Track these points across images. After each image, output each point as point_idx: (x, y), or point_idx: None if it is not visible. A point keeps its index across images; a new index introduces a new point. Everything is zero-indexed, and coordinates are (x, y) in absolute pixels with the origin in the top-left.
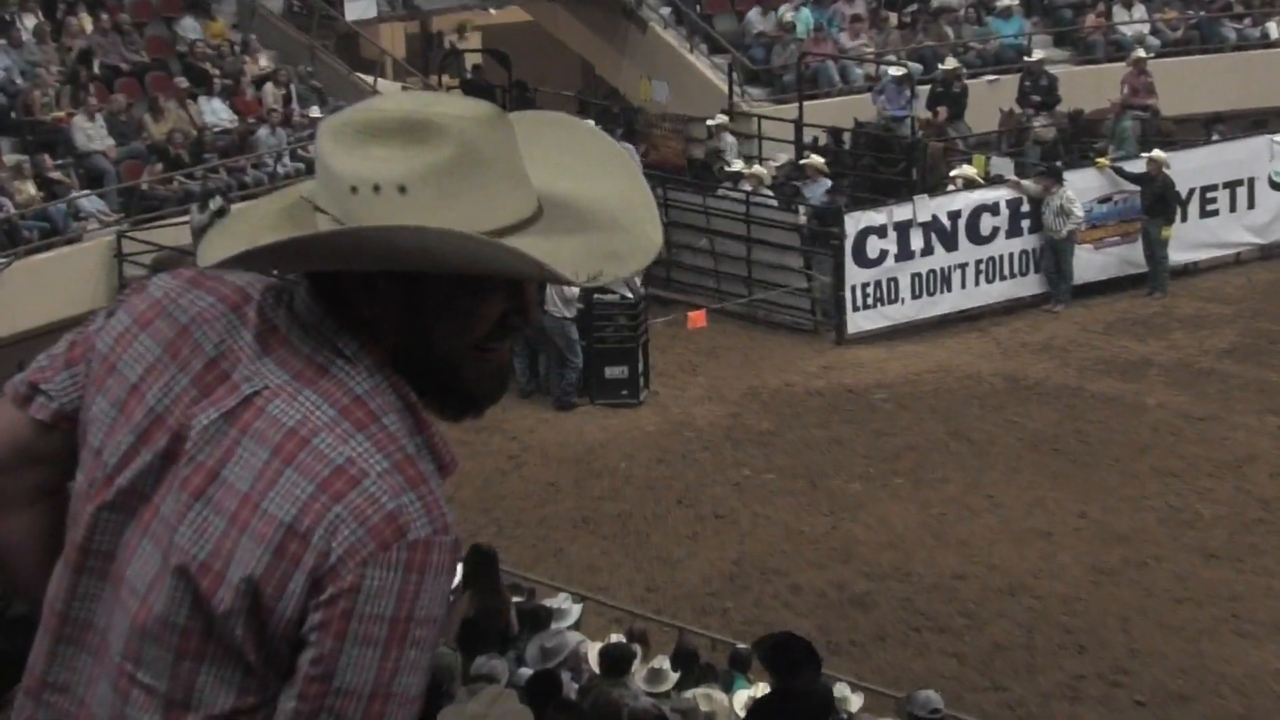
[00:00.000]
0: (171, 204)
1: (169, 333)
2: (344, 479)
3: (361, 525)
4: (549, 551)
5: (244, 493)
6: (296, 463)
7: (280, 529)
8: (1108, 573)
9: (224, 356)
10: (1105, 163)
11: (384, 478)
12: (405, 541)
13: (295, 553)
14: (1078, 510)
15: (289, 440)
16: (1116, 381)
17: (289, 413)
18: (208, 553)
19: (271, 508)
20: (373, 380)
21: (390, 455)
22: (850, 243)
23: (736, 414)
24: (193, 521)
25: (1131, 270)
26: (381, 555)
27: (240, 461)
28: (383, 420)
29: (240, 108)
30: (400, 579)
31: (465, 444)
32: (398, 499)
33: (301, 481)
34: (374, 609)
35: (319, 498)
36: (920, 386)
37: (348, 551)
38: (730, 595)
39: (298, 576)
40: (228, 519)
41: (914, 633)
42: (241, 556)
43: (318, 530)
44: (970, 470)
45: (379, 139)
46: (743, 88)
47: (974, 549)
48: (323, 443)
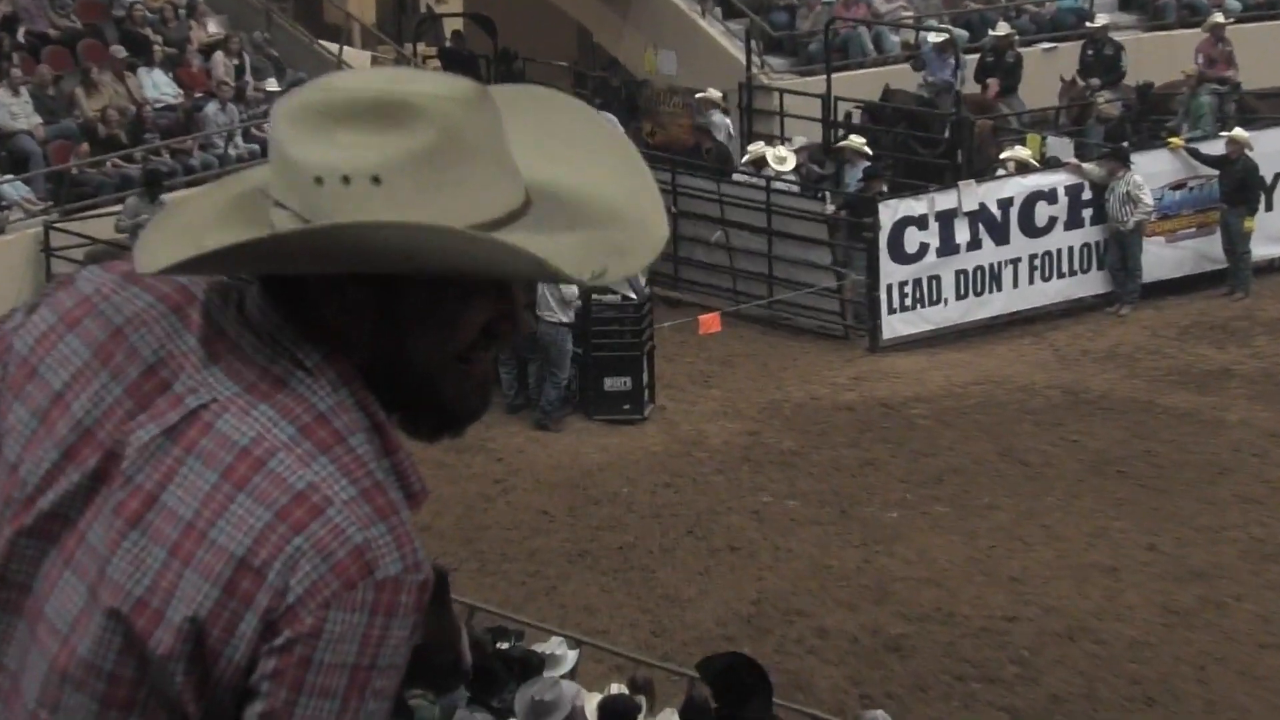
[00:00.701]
0: (107, 191)
1: (100, 334)
2: (305, 507)
3: (325, 561)
4: (540, 589)
5: (187, 520)
6: (250, 487)
7: (230, 563)
8: (1181, 614)
9: (164, 364)
10: (1179, 143)
11: (350, 506)
12: (372, 580)
13: (247, 590)
14: (1147, 542)
15: (241, 461)
16: (1192, 394)
17: (241, 430)
18: (144, 588)
19: (221, 538)
20: (336, 396)
21: (357, 481)
22: (886, 235)
23: (755, 432)
24: (128, 552)
25: (1209, 266)
26: (346, 595)
27: (184, 484)
28: (349, 441)
29: (186, 80)
30: (365, 623)
31: (444, 466)
32: (365, 531)
33: (256, 509)
34: (334, 657)
35: (276, 528)
36: (965, 400)
37: (308, 591)
38: (748, 640)
39: (249, 618)
40: (168, 550)
41: (958, 683)
42: (184, 593)
43: (274, 565)
44: (1023, 496)
45: (347, 123)
46: (762, 57)
47: (1027, 587)
48: (280, 465)
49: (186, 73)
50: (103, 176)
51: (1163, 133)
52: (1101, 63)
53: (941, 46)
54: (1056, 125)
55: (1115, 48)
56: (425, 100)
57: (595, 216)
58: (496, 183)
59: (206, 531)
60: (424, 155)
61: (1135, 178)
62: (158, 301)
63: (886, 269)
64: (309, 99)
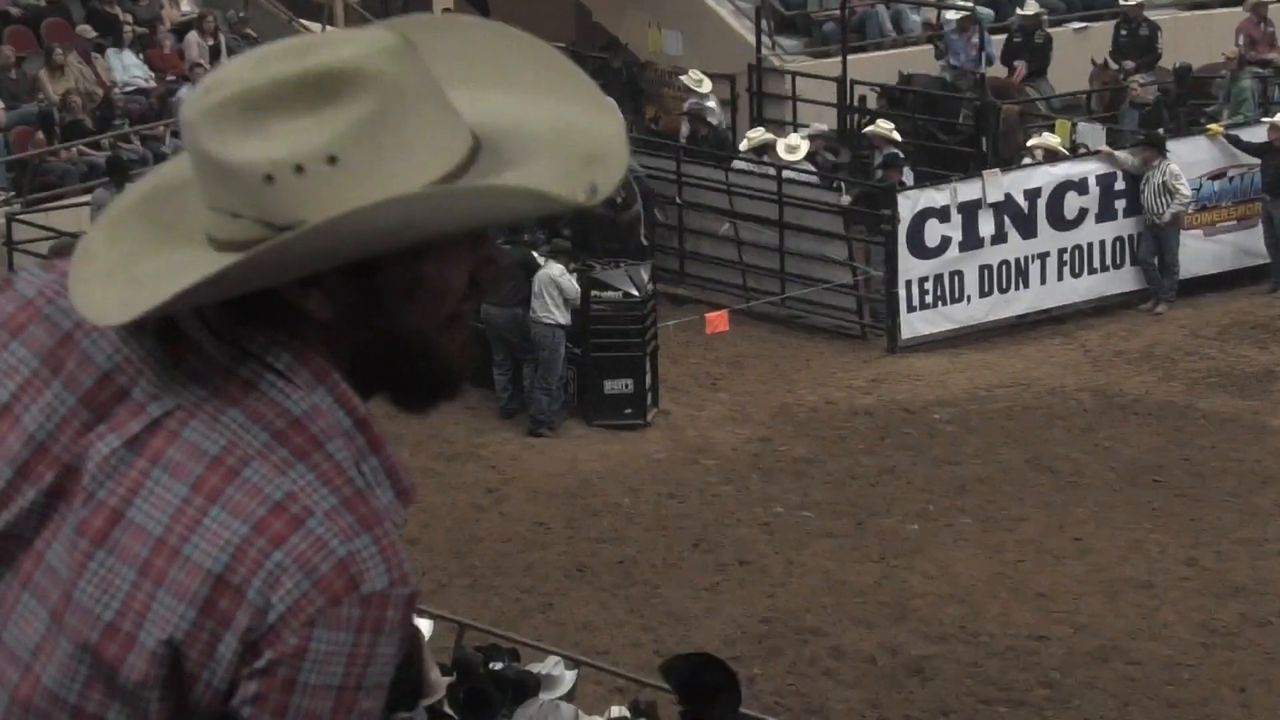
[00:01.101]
0: (72, 180)
1: (48, 341)
2: (284, 519)
3: (307, 576)
4: (536, 606)
5: (157, 537)
6: (224, 499)
7: (207, 580)
8: (1221, 633)
9: (120, 370)
10: (1218, 130)
11: (332, 517)
12: (358, 595)
13: (226, 610)
14: (1185, 556)
15: (213, 472)
16: (1232, 398)
17: (211, 438)
18: (114, 612)
19: (195, 555)
20: (312, 398)
21: (338, 490)
22: (905, 228)
23: (765, 438)
24: (94, 574)
25: (1250, 261)
26: (331, 612)
27: (151, 498)
28: (326, 447)
29: (157, 62)
30: (351, 641)
31: (434, 474)
32: (349, 543)
33: (232, 522)
34: (320, 678)
35: (255, 541)
36: (991, 404)
37: (291, 608)
38: (758, 660)
39: (229, 639)
40: (138, 569)
41: (983, 706)
42: (158, 615)
43: (254, 582)
44: (1053, 507)
45: (276, 110)
46: (773, 38)
47: (1057, 604)
48: (255, 474)
49: (158, 54)
50: (68, 165)
51: (1201, 119)
52: (1136, 44)
53: (963, 24)
54: (1088, 110)
55: (1151, 28)
56: (354, 63)
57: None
58: (448, 127)
59: (179, 548)
60: (373, 120)
61: (1172, 167)
62: None
63: (906, 264)
64: (220, 97)
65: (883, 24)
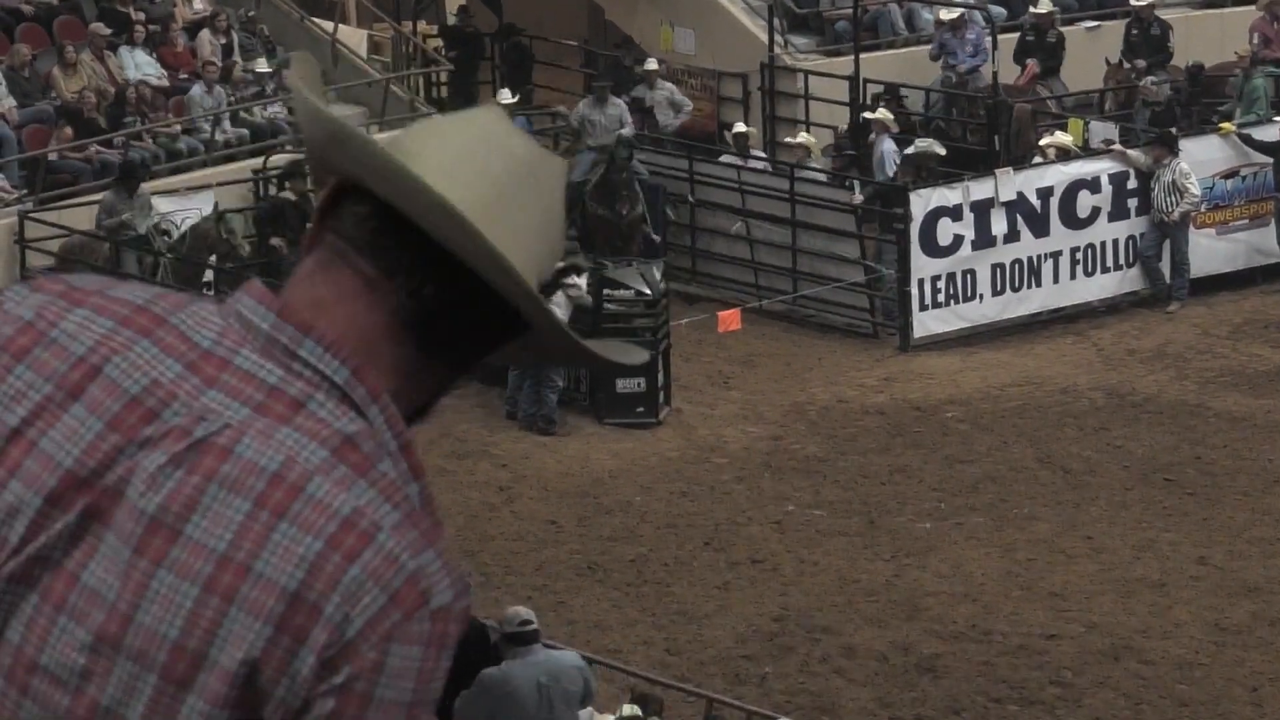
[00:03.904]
0: (85, 178)
1: (59, 365)
2: (355, 534)
3: (383, 591)
4: (548, 604)
5: (222, 553)
6: (291, 515)
7: (283, 597)
8: (1233, 631)
9: (149, 393)
10: (1230, 129)
11: (398, 532)
12: (428, 610)
13: (301, 626)
14: (1197, 555)
15: (275, 487)
16: (1246, 397)
17: (267, 455)
18: (179, 630)
19: (268, 571)
20: (365, 419)
21: (399, 506)
22: (917, 227)
23: (778, 436)
24: (156, 593)
25: (1263, 260)
26: (405, 627)
27: (210, 515)
28: (379, 467)
29: (169, 60)
30: (421, 656)
31: (446, 473)
32: (418, 558)
33: (304, 538)
34: (393, 694)
35: (330, 557)
36: (1003, 403)
37: (369, 623)
38: (770, 658)
39: (304, 655)
40: (202, 587)
41: (995, 705)
42: (231, 633)
43: (332, 598)
44: (1065, 506)
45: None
46: (785, 36)
47: (1069, 603)
48: (320, 490)
49: (170, 52)
50: (81, 163)
51: (1214, 117)
52: (1148, 42)
53: (954, 25)
54: (1100, 109)
55: (1163, 26)
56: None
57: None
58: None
59: (249, 564)
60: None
61: (1182, 165)
62: (119, 325)
63: (918, 263)
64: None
65: (895, 22)
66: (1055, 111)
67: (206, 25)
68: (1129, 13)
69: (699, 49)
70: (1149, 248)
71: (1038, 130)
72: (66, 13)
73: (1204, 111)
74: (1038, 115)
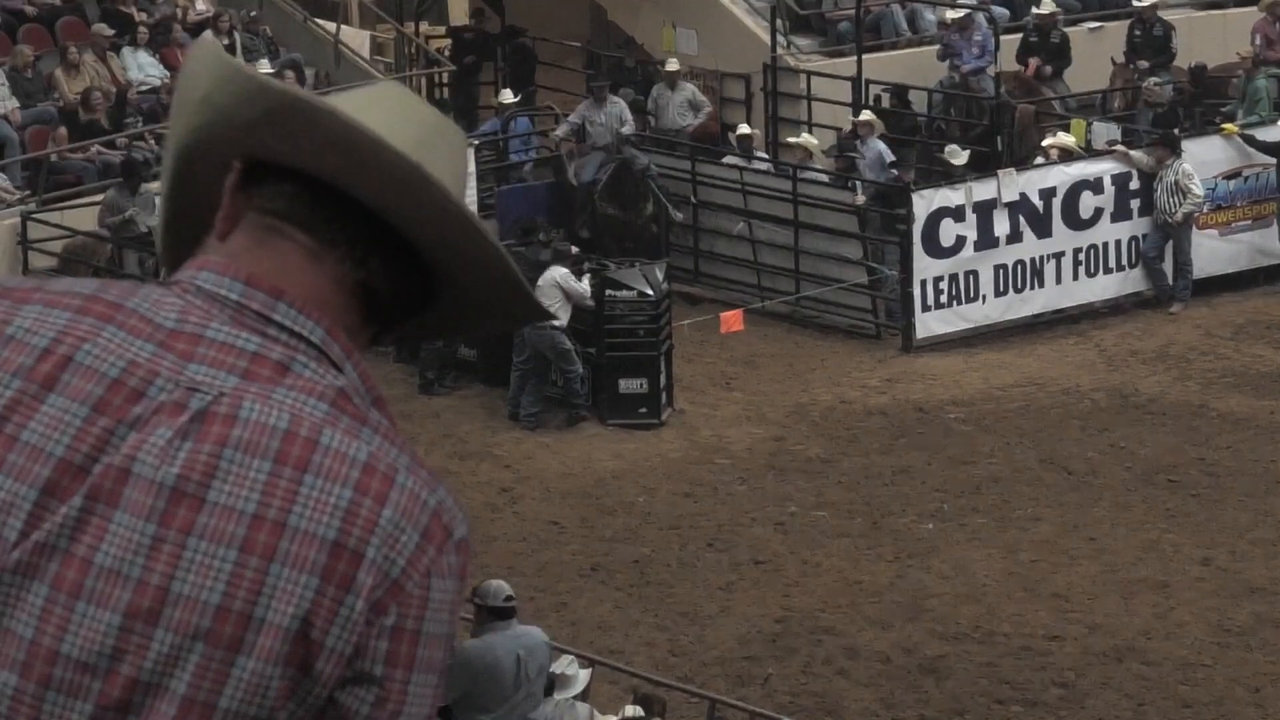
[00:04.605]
0: (88, 179)
1: (23, 360)
2: (378, 478)
3: (415, 529)
4: (551, 605)
5: (253, 513)
6: (315, 467)
7: (324, 548)
8: (1236, 633)
9: (129, 373)
10: (1233, 129)
11: (414, 472)
12: (453, 542)
13: (346, 574)
14: (1200, 556)
15: (290, 444)
16: (1248, 398)
17: (274, 415)
18: (222, 594)
19: (304, 524)
20: (345, 374)
21: (404, 448)
22: (920, 227)
23: (780, 437)
24: (191, 561)
25: (1265, 261)
26: (441, 561)
27: (232, 479)
28: (371, 416)
29: (172, 61)
30: (454, 588)
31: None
32: (435, 494)
33: (333, 487)
34: (437, 626)
35: (361, 503)
36: (1006, 404)
37: (410, 562)
38: (773, 660)
39: (352, 601)
40: (240, 549)
41: (998, 706)
42: (276, 589)
43: (372, 541)
44: (1067, 507)
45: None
46: (788, 37)
47: (1072, 604)
48: (333, 440)
49: (173, 53)
50: (84, 163)
51: (1217, 118)
52: (1151, 43)
53: (961, 24)
54: (1103, 110)
55: (1165, 27)
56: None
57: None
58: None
59: (284, 520)
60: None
61: (1185, 166)
62: (77, 315)
63: (921, 263)
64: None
65: (898, 23)
66: (1058, 112)
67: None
68: (1131, 14)
69: (701, 50)
70: (1152, 248)
71: (1040, 131)
72: (69, 14)
73: (1206, 112)
74: (1040, 116)
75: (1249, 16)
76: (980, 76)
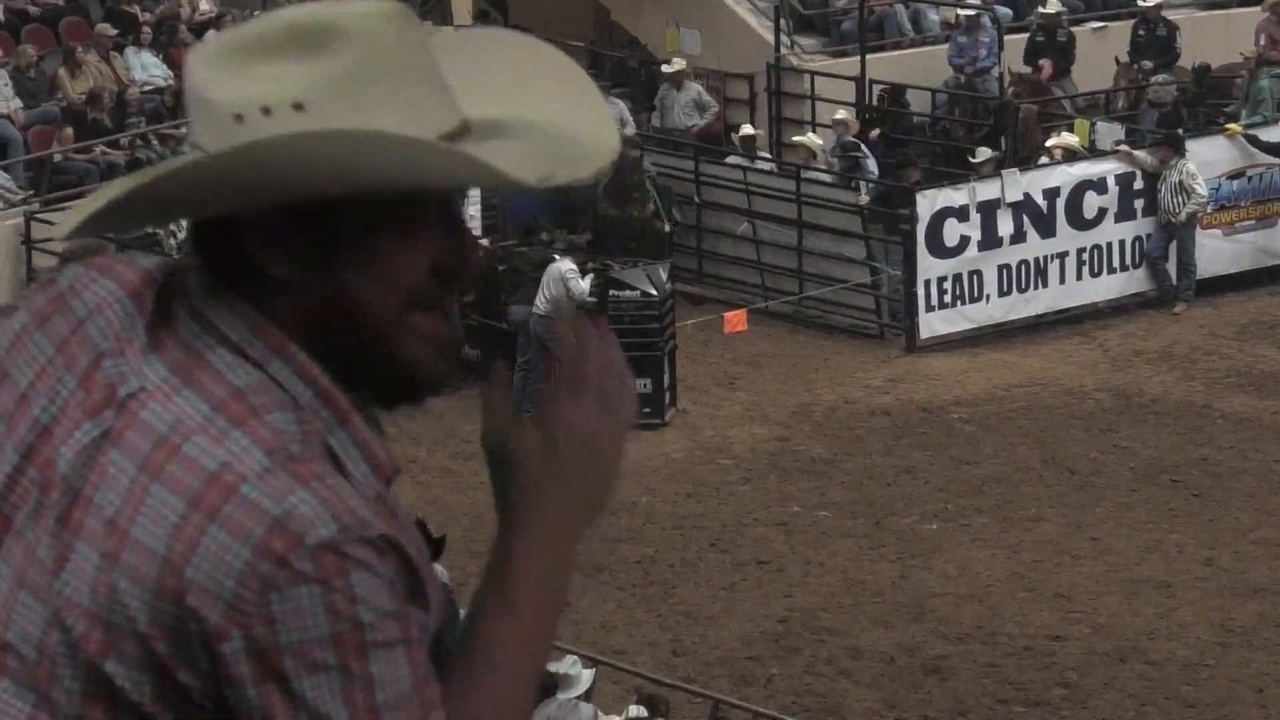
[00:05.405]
0: (91, 179)
1: (65, 330)
2: (218, 489)
3: (246, 544)
4: None
5: (109, 519)
6: (165, 476)
7: (155, 562)
8: (1240, 633)
9: (110, 353)
10: (1237, 129)
11: (265, 479)
12: (305, 549)
13: (177, 590)
14: (1203, 556)
15: (159, 450)
16: (1251, 398)
17: (163, 417)
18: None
19: (142, 536)
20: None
21: (273, 452)
22: (924, 228)
23: (783, 438)
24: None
25: (1269, 261)
26: (279, 574)
27: (109, 480)
28: (265, 418)
29: (176, 61)
30: (318, 592)
31: (451, 474)
32: (284, 502)
33: (171, 499)
34: (302, 634)
35: (191, 518)
36: (1009, 404)
37: (240, 581)
38: (776, 660)
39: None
40: (101, 554)
41: (1001, 706)
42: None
43: (193, 561)
44: (1071, 507)
45: (264, 55)
46: (792, 37)
47: (1075, 604)
48: (194, 448)
49: (177, 53)
50: (87, 164)
51: (1220, 118)
52: (1154, 43)
53: (970, 25)
54: (1107, 110)
55: (1169, 27)
56: (345, 20)
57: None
58: (429, 100)
59: (129, 530)
60: (349, 74)
61: (1189, 166)
62: (119, 288)
63: (924, 263)
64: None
65: (901, 23)
66: (1061, 112)
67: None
68: (1135, 13)
69: (704, 50)
70: (1155, 248)
71: (1044, 131)
72: (72, 14)
73: (1210, 112)
74: (1044, 116)
75: (1253, 16)
76: (985, 77)
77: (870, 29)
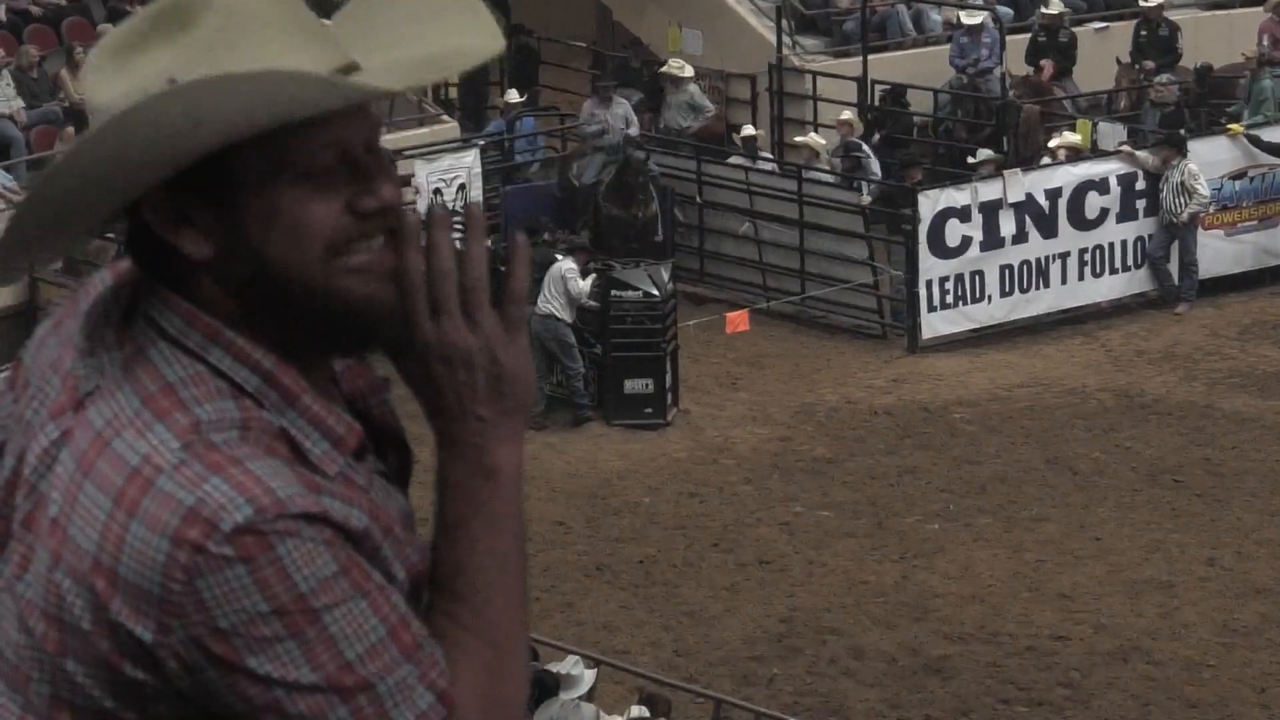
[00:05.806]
0: None
1: (72, 330)
2: (137, 485)
3: (164, 536)
4: (556, 605)
5: (54, 518)
6: (94, 473)
7: (87, 561)
8: (1242, 633)
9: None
10: (1239, 130)
11: (179, 469)
12: (221, 534)
13: (106, 590)
14: (1205, 557)
15: (93, 447)
16: (1254, 398)
17: (102, 413)
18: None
19: (77, 535)
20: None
21: (189, 444)
22: (926, 228)
23: (785, 438)
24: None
25: (1271, 261)
26: (200, 561)
27: (56, 480)
28: (193, 410)
29: None
30: (247, 573)
31: None
32: (196, 490)
33: (99, 497)
34: (241, 614)
35: (116, 516)
36: (1011, 404)
37: (165, 573)
38: (778, 660)
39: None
40: (50, 554)
41: (1003, 705)
42: (68, 602)
43: (121, 559)
44: (1073, 507)
45: (139, 47)
46: (794, 37)
47: (1077, 604)
48: (121, 443)
49: None
50: None
51: (1222, 119)
52: (1156, 44)
53: (972, 31)
54: (1109, 110)
55: (1171, 28)
56: None
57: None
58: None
59: (67, 529)
60: (212, 40)
61: (1190, 166)
62: (113, 281)
63: (926, 264)
64: (103, 43)
65: (903, 24)
66: (1063, 112)
67: None
68: (1137, 14)
69: (706, 50)
70: (1157, 249)
71: (1046, 131)
72: (75, 14)
73: (1212, 113)
74: (1046, 116)
75: (1255, 17)
76: (987, 78)
77: (872, 29)
